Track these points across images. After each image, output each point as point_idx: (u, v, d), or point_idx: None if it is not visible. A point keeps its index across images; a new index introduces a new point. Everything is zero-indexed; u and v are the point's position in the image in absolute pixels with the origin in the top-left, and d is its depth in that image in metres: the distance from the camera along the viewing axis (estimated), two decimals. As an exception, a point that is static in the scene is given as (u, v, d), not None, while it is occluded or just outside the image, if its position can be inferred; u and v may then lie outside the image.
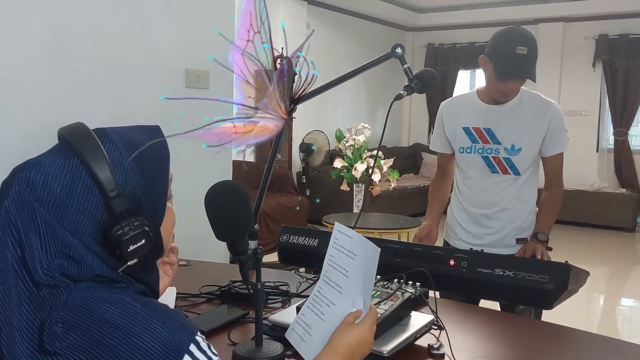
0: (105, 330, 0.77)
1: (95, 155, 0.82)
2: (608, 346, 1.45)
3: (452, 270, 1.68)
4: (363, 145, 5.07)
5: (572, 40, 7.89)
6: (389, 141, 8.76)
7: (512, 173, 2.12)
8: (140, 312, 0.79)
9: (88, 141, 0.84)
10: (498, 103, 2.13)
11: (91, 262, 0.82)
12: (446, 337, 1.32)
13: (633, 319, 4.66)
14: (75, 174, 0.82)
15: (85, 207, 0.82)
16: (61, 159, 0.83)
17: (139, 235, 0.84)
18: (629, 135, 7.64)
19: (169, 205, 0.97)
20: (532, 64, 1.99)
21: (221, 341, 1.34)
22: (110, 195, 0.82)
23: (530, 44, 1.97)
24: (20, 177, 0.81)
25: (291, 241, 1.97)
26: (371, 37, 8.25)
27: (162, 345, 0.78)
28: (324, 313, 1.12)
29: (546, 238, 2.08)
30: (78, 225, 0.81)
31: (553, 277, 1.55)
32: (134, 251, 0.84)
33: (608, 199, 7.23)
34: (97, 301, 0.80)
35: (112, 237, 0.82)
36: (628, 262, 6.12)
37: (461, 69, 8.78)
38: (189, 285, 1.71)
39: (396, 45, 1.79)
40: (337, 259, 1.12)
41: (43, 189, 0.81)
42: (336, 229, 1.14)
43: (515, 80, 2.02)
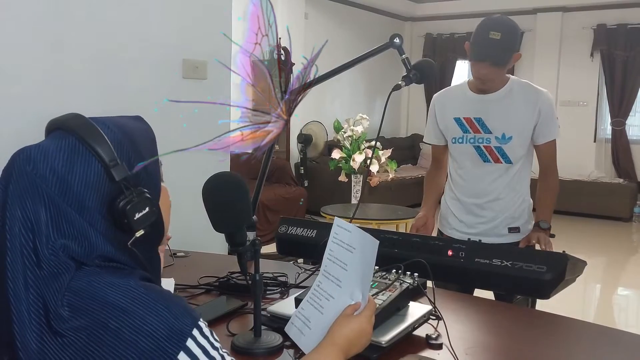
0: (110, 313, 0.78)
1: (91, 131, 0.85)
2: (604, 335, 1.46)
3: (450, 261, 1.68)
4: (361, 136, 5.07)
5: (570, 30, 7.87)
6: (387, 132, 8.76)
7: (504, 162, 2.14)
8: (145, 296, 0.80)
9: (82, 123, 0.86)
10: (487, 92, 2.13)
11: (95, 240, 0.83)
12: (444, 327, 1.32)
13: (629, 309, 4.69)
14: (74, 150, 0.84)
15: (88, 179, 0.83)
16: (58, 140, 0.85)
17: (142, 203, 0.86)
18: (627, 125, 7.65)
19: (163, 185, 0.99)
20: (503, 50, 1.99)
21: (220, 332, 1.35)
22: (110, 164, 0.84)
23: (506, 31, 1.97)
24: (22, 157, 0.83)
25: (290, 232, 1.97)
26: (369, 27, 8.22)
27: (166, 329, 0.78)
28: (323, 307, 1.12)
29: (548, 226, 2.11)
30: (83, 200, 0.83)
31: (550, 267, 1.56)
32: (140, 220, 0.86)
33: (605, 189, 7.25)
34: (102, 285, 0.81)
35: (117, 208, 0.84)
36: (625, 252, 6.14)
37: (459, 59, 8.75)
38: (187, 277, 1.71)
39: (394, 35, 1.79)
40: (337, 253, 1.12)
41: (45, 166, 0.82)
42: (336, 224, 1.14)
43: (483, 63, 2.02)
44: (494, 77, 2.08)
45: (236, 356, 1.23)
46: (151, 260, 0.94)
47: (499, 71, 2.06)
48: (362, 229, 1.10)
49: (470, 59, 2.06)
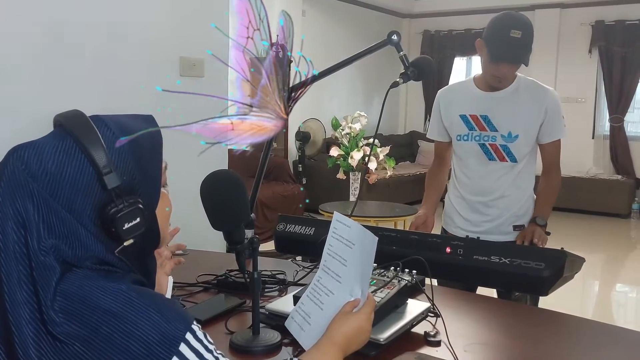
0: (101, 318, 0.77)
1: (89, 135, 0.84)
2: (603, 332, 1.46)
3: (449, 258, 1.68)
4: (359, 134, 5.06)
5: (569, 26, 7.86)
6: (385, 129, 8.74)
7: (509, 160, 2.13)
8: (136, 301, 0.79)
9: (82, 124, 0.85)
10: (494, 90, 2.12)
11: (85, 240, 0.82)
12: (442, 325, 1.32)
13: (628, 305, 4.70)
14: (69, 153, 0.83)
15: (80, 184, 0.82)
16: (56, 140, 0.84)
17: (133, 213, 0.84)
18: (625, 122, 7.64)
19: (165, 191, 0.97)
20: (526, 48, 1.98)
21: (218, 330, 1.35)
22: (104, 172, 0.83)
23: (525, 29, 1.96)
24: (15, 156, 0.83)
25: (288, 230, 1.97)
26: (367, 24, 8.20)
27: (158, 334, 0.78)
28: (323, 302, 1.12)
29: (544, 222, 2.10)
30: (73, 203, 0.82)
31: (549, 264, 1.56)
32: (129, 230, 0.84)
33: (604, 185, 7.25)
34: (93, 289, 0.80)
35: (107, 215, 0.83)
36: (623, 248, 6.15)
37: (457, 56, 8.74)
38: (185, 275, 1.71)
39: (392, 32, 1.78)
40: (336, 248, 1.12)
41: (37, 167, 0.81)
42: (335, 219, 1.14)
43: (507, 63, 2.01)
44: (512, 75, 2.09)
45: (235, 354, 1.24)
46: (145, 264, 0.93)
47: (517, 69, 2.07)
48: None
49: (490, 58, 2.02)
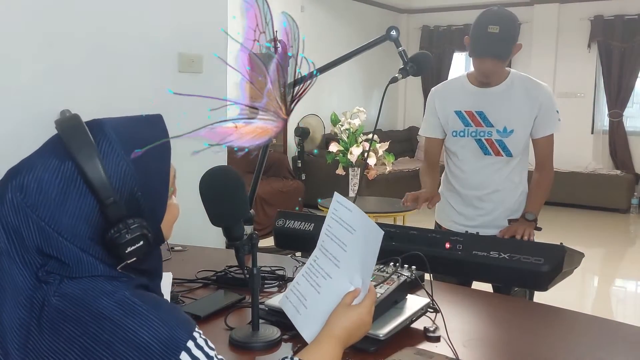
0: (102, 325, 0.77)
1: (90, 159, 0.80)
2: (602, 327, 1.46)
3: (448, 253, 1.68)
4: (358, 129, 5.06)
5: (567, 21, 7.85)
6: (384, 125, 8.74)
7: (505, 155, 2.13)
8: (139, 308, 0.79)
9: (83, 142, 0.81)
10: (486, 85, 2.13)
11: (87, 264, 0.81)
12: (442, 320, 1.33)
13: (627, 300, 4.71)
14: (69, 180, 0.80)
15: (81, 212, 0.80)
16: (55, 161, 0.81)
17: (136, 238, 0.82)
18: (624, 117, 7.63)
19: (173, 201, 0.95)
20: (503, 43, 1.98)
21: (218, 326, 1.35)
22: (106, 203, 0.80)
23: (503, 24, 1.96)
24: (14, 184, 0.80)
25: (287, 226, 1.97)
26: (365, 20, 8.18)
27: (159, 343, 0.77)
28: (320, 285, 1.10)
29: (534, 218, 2.09)
30: (74, 229, 0.80)
31: (548, 259, 1.56)
32: (132, 252, 0.83)
33: (603, 180, 7.25)
34: (96, 294, 0.79)
35: (108, 240, 0.81)
36: (622, 243, 6.16)
37: (456, 51, 8.72)
38: (185, 271, 1.71)
39: (391, 27, 1.78)
40: (335, 230, 1.10)
41: (37, 195, 0.80)
42: (335, 199, 1.12)
43: (484, 58, 2.02)
44: (496, 70, 2.08)
45: (234, 350, 1.24)
46: (150, 260, 0.91)
47: (501, 64, 2.06)
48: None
49: (470, 54, 2.05)
